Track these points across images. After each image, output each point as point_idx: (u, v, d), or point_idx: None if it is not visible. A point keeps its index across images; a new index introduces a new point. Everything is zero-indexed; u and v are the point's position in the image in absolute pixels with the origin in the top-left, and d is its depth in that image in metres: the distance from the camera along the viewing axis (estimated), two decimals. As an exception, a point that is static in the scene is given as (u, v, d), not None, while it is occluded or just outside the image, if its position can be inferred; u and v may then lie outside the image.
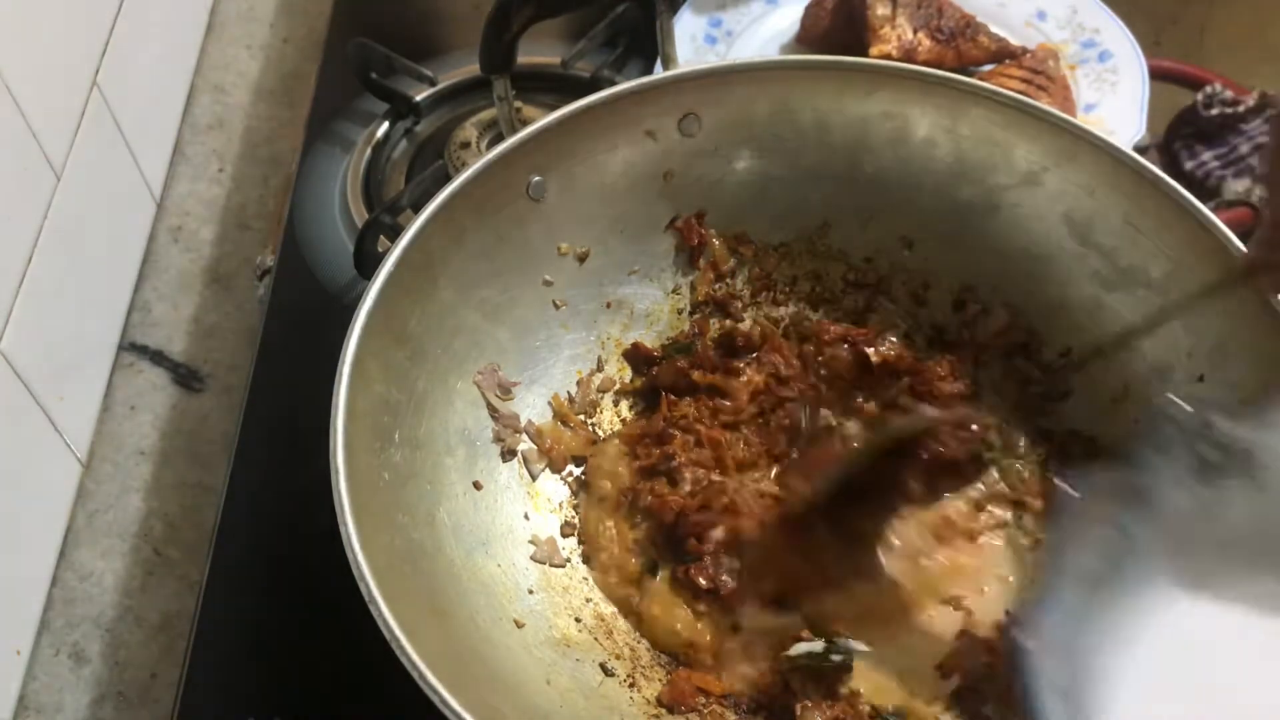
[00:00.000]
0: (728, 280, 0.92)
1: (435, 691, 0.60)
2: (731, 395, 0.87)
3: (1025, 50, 1.09)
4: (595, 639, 0.78)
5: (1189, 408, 0.73)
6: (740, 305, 0.92)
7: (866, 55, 1.04)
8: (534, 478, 0.84)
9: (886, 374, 0.87)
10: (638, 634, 0.80)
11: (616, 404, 0.89)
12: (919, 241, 0.89)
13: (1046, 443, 0.85)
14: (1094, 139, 0.80)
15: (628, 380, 0.90)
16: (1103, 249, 0.82)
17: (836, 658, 0.75)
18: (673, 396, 0.87)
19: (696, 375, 0.87)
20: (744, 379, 0.88)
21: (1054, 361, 0.86)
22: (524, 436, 0.84)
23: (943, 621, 0.79)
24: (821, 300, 0.92)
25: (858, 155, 0.86)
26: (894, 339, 0.89)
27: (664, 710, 0.75)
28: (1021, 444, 0.86)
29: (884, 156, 0.86)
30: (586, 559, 0.83)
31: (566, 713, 0.71)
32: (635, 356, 0.89)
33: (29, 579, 0.86)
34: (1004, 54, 1.08)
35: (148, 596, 0.89)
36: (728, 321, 0.91)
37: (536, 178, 0.82)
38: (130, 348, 1.01)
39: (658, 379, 0.89)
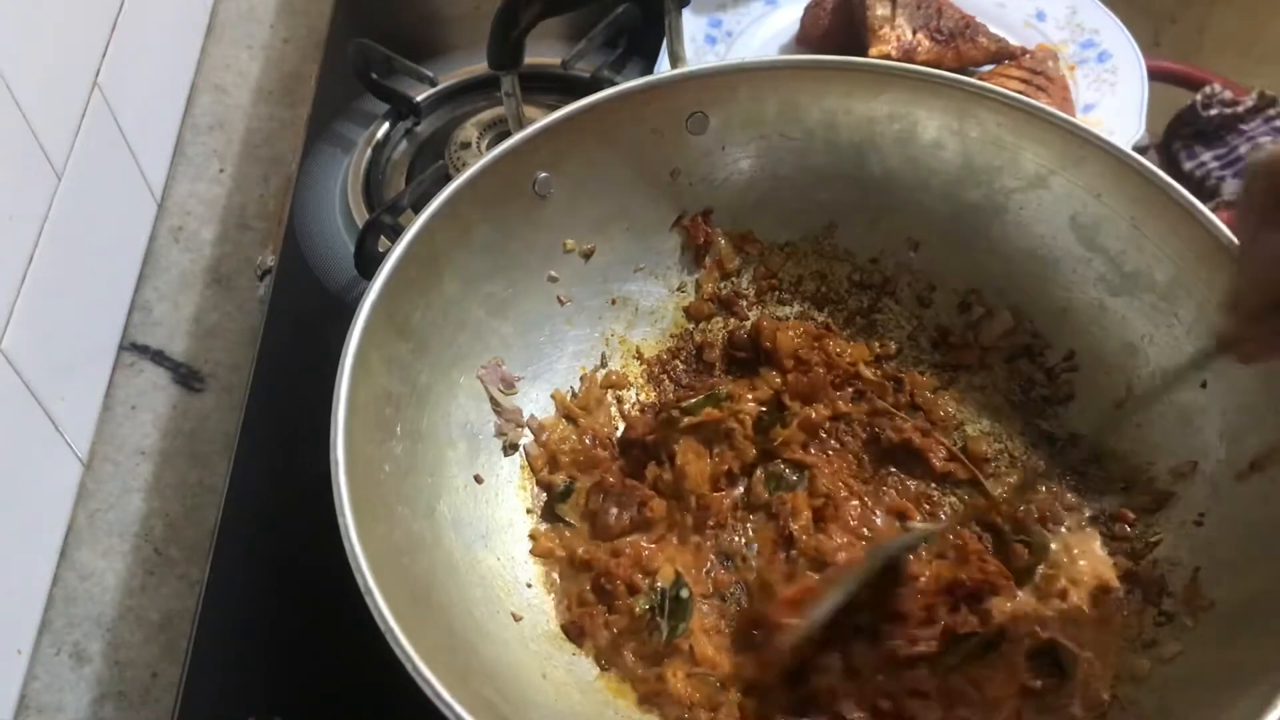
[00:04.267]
0: (733, 279, 0.92)
1: (428, 683, 0.60)
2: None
3: (1024, 51, 1.09)
4: (592, 633, 0.78)
5: None
6: (745, 304, 0.92)
7: (866, 55, 1.04)
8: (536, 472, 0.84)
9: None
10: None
11: (620, 400, 0.89)
12: (925, 243, 0.89)
13: (1049, 446, 0.85)
14: (1102, 143, 0.79)
15: (631, 377, 0.90)
16: (1108, 253, 0.82)
17: None
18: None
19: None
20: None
21: (1057, 365, 0.86)
22: (526, 431, 0.84)
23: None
24: (826, 300, 0.92)
25: (865, 156, 0.86)
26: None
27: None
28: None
29: (891, 157, 0.86)
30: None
31: (561, 706, 0.71)
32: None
33: (30, 578, 0.86)
34: (1003, 54, 1.09)
35: (148, 596, 0.88)
36: (732, 320, 0.91)
37: (543, 174, 0.82)
38: (131, 347, 1.01)
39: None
